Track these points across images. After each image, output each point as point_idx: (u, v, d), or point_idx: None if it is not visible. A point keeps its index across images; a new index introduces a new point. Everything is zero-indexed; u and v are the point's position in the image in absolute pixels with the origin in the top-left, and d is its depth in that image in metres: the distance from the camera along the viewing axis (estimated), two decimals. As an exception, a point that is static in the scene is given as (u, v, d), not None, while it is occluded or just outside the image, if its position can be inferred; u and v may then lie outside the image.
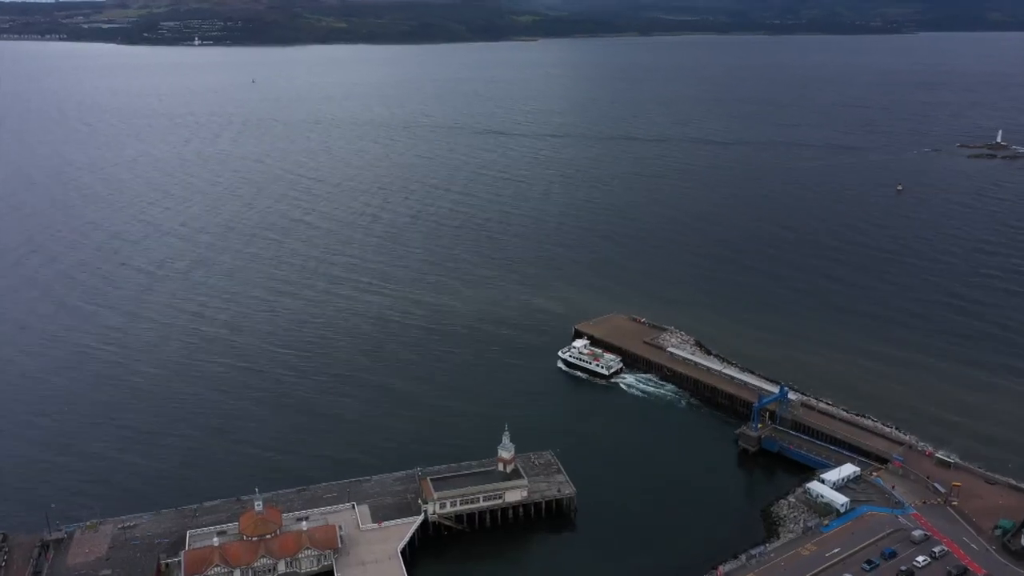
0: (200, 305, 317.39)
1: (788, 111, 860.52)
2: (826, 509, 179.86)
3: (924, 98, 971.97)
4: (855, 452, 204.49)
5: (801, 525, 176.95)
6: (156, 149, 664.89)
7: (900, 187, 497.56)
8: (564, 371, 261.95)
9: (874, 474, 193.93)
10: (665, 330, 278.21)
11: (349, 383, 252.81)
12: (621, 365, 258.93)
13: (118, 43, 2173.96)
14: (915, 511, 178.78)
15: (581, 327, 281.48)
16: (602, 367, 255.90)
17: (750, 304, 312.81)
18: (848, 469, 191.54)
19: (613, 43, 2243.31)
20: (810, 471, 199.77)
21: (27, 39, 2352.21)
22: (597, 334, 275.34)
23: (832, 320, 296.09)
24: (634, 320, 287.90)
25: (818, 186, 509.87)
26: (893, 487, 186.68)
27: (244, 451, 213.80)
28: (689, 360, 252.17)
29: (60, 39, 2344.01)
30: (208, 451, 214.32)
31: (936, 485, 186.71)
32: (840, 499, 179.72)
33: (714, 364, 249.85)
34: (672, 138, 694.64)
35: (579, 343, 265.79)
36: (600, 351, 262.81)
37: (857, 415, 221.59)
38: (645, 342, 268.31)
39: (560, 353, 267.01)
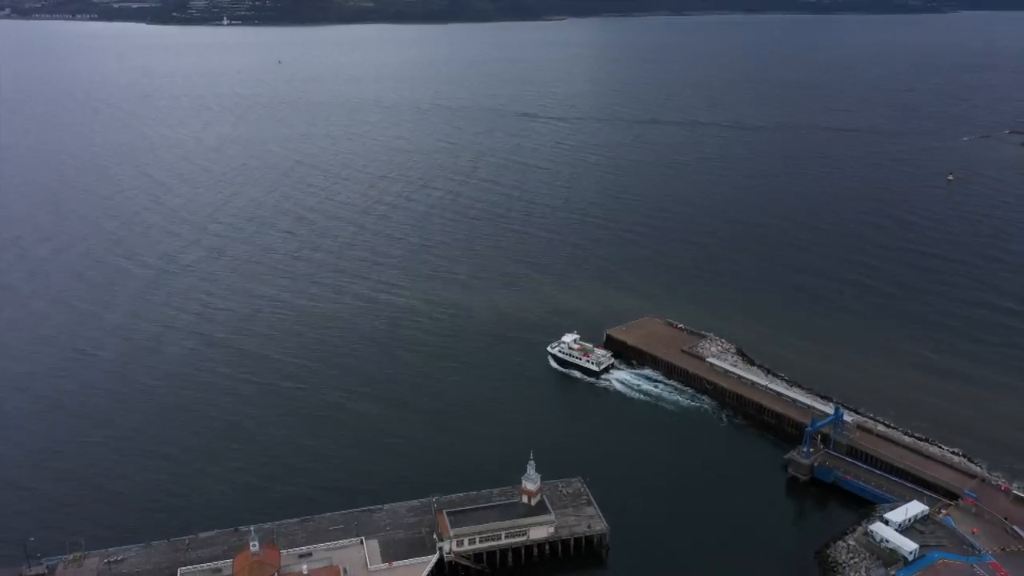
0: (186, 312, 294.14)
1: (827, 94, 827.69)
2: (892, 556, 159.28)
3: (970, 81, 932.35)
4: (919, 485, 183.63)
5: (863, 575, 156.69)
6: (158, 133, 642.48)
7: (951, 176, 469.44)
8: (555, 368, 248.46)
9: (943, 512, 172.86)
10: (704, 337, 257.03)
11: (355, 398, 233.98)
12: (612, 361, 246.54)
13: (148, 23, 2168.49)
14: (993, 559, 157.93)
15: (613, 332, 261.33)
16: (592, 363, 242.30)
17: (796, 308, 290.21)
18: (915, 508, 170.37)
19: (644, 23, 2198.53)
20: (869, 505, 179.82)
21: (58, 19, 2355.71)
22: (630, 341, 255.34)
23: (889, 329, 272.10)
24: (670, 325, 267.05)
25: (863, 175, 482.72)
26: (975, 531, 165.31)
27: (242, 475, 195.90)
28: (731, 373, 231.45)
29: (91, 19, 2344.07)
30: (203, 475, 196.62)
31: (1016, 529, 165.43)
32: (908, 545, 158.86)
33: (759, 377, 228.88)
34: (702, 123, 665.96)
35: (568, 337, 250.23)
36: (591, 346, 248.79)
37: (920, 440, 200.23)
38: (683, 351, 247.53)
39: (550, 349, 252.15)
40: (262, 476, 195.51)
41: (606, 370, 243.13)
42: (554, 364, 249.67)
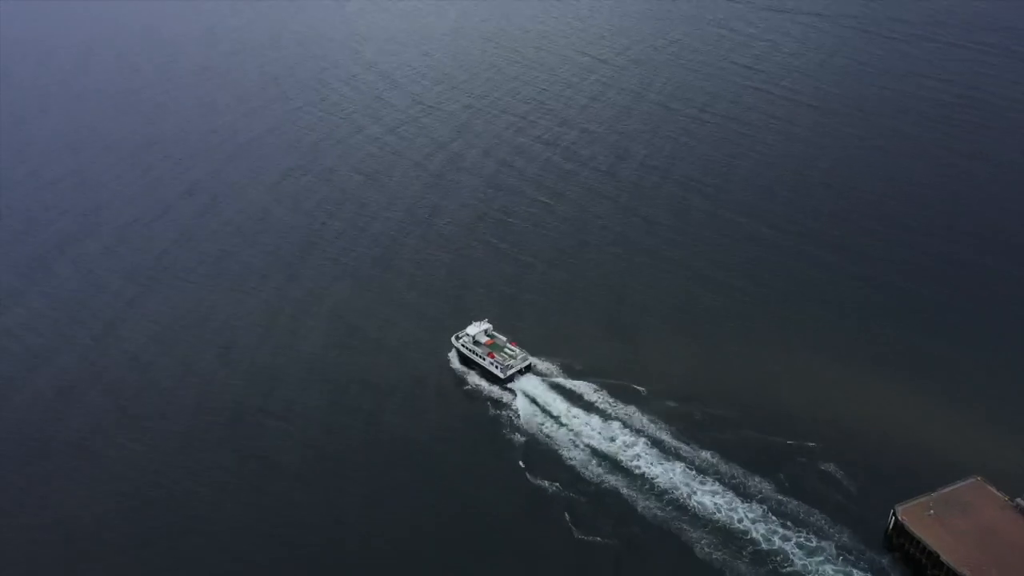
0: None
1: None
2: None
3: None
4: None
5: None
6: (222, 20, 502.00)
7: None
8: (457, 372, 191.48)
9: None
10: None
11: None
12: (527, 363, 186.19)
13: None
14: None
15: (907, 518, 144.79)
16: (496, 366, 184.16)
17: None
18: None
19: None
20: None
21: None
22: (945, 551, 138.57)
23: None
24: (1016, 508, 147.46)
25: None
26: None
27: None
28: None
29: None
30: None
31: None
32: None
33: None
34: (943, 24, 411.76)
35: (474, 328, 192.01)
36: (504, 340, 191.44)
37: None
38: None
39: (454, 340, 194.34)
40: None
41: (514, 376, 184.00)
42: (456, 363, 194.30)
